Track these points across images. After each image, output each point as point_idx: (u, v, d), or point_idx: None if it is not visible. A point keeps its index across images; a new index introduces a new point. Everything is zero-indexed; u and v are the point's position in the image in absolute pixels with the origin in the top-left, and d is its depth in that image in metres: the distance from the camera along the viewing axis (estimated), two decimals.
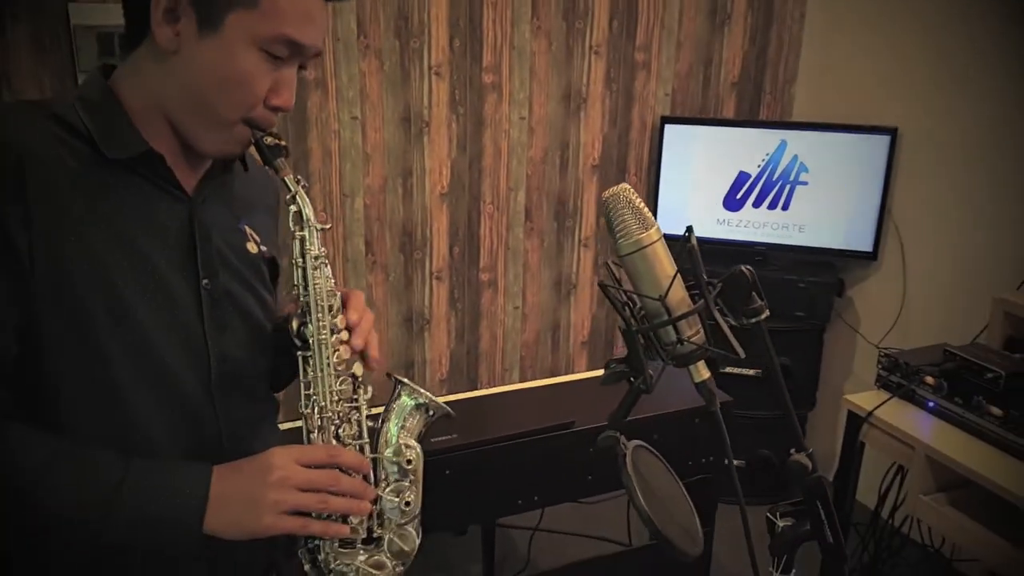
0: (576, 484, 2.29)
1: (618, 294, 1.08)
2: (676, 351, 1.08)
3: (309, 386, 1.16)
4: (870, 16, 3.33)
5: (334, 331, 1.16)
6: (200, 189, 1.16)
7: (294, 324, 1.16)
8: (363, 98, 2.98)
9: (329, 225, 1.18)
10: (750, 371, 3.32)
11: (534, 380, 2.79)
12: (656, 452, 1.23)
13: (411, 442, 1.20)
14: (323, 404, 1.15)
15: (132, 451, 1.04)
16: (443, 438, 2.07)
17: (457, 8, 3.05)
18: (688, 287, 1.10)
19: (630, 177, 3.50)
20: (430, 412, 1.21)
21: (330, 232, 3.03)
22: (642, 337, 1.09)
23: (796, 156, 3.33)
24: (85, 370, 1.03)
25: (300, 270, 1.16)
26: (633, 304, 1.10)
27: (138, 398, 1.07)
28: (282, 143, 1.12)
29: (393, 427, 1.20)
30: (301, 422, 1.18)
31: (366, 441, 1.18)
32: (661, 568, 2.60)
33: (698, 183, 3.45)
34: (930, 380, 2.37)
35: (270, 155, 1.11)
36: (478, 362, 3.49)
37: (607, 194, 1.08)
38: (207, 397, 1.14)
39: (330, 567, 1.15)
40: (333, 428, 1.16)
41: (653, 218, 1.08)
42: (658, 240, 1.07)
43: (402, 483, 1.19)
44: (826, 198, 3.34)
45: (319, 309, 1.15)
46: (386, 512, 1.19)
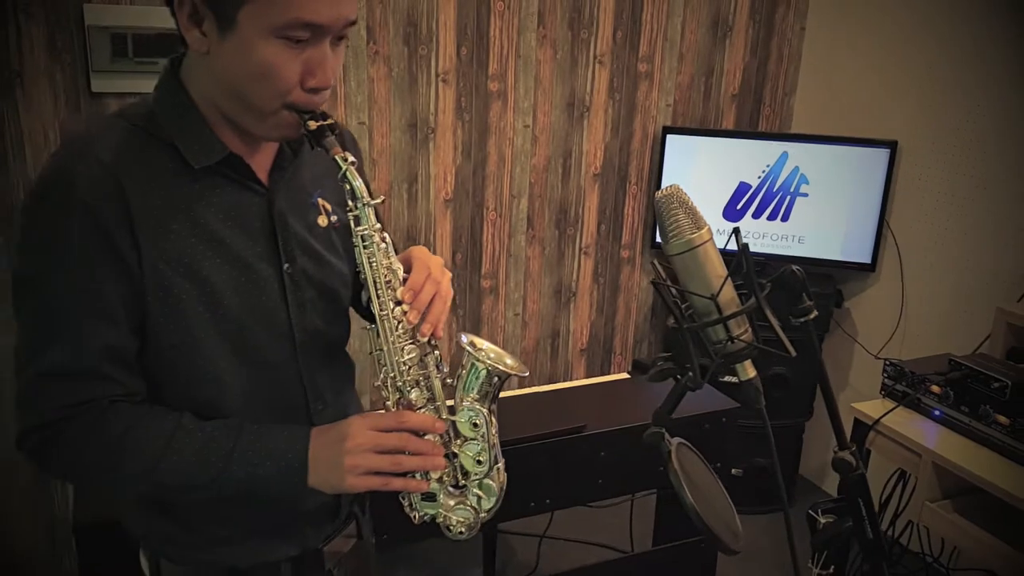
0: (586, 488, 2.31)
1: (671, 292, 1.10)
2: (725, 349, 1.10)
3: (380, 358, 1.24)
4: (870, 30, 3.38)
5: (397, 303, 1.21)
6: (274, 179, 1.23)
7: (364, 298, 1.24)
8: (371, 103, 2.99)
9: (382, 199, 1.19)
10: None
11: (532, 387, 2.80)
12: (695, 449, 1.24)
13: (475, 405, 1.25)
14: (393, 374, 1.23)
15: (242, 416, 1.19)
16: None
17: (465, 16, 3.07)
18: (736, 287, 1.12)
19: (631, 187, 3.53)
20: (496, 377, 1.26)
21: None
22: (691, 335, 1.11)
23: (797, 168, 3.36)
24: (186, 353, 1.16)
25: (357, 248, 1.20)
26: (682, 302, 1.12)
27: (232, 374, 1.20)
28: (328, 122, 1.14)
29: (463, 389, 1.27)
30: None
31: (439, 404, 1.25)
32: (663, 574, 2.62)
33: (699, 193, 3.43)
34: (936, 389, 2.40)
35: (316, 137, 1.13)
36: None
37: (660, 194, 1.09)
38: (293, 368, 1.26)
39: (419, 510, 1.29)
40: (405, 394, 1.24)
41: (704, 219, 1.10)
42: (709, 240, 1.09)
43: (473, 442, 1.26)
44: (826, 210, 3.37)
45: (378, 285, 1.20)
46: (465, 467, 1.27)
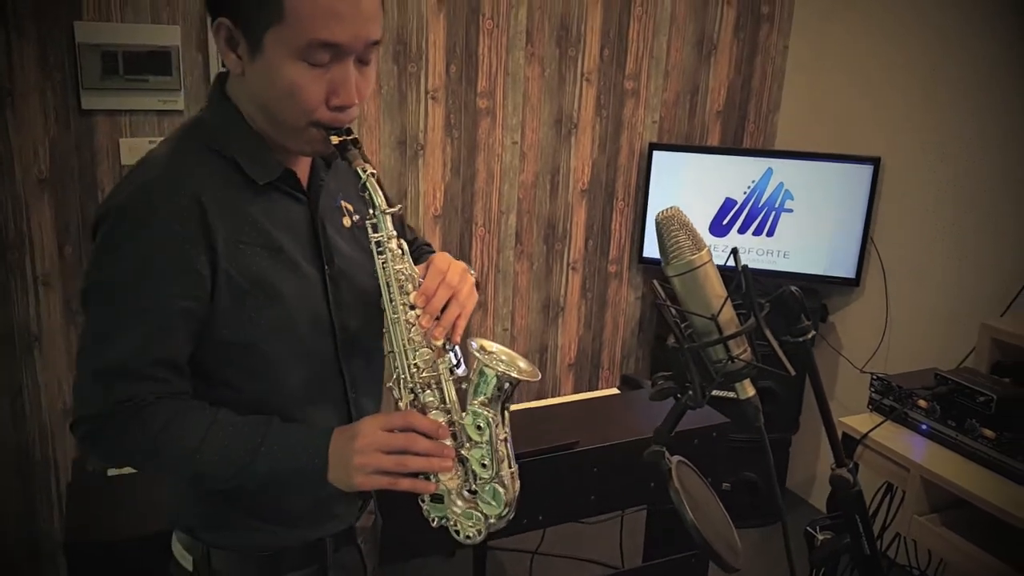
0: (578, 504, 2.31)
1: (669, 312, 1.11)
2: (725, 368, 1.11)
3: (393, 360, 1.29)
4: (852, 48, 3.43)
5: (411, 307, 1.26)
6: (313, 187, 1.33)
7: (382, 300, 1.29)
8: (361, 121, 3.00)
9: (400, 207, 1.24)
10: (731, 394, 3.36)
11: (521, 403, 2.80)
12: (694, 467, 1.25)
13: (481, 409, 1.27)
14: (404, 376, 1.28)
15: (281, 406, 1.28)
16: None
17: (454, 35, 3.09)
18: (734, 307, 1.13)
19: (618, 202, 3.55)
20: (506, 382, 1.27)
21: None
22: (691, 354, 1.12)
23: (781, 183, 3.40)
24: (248, 349, 1.25)
25: (373, 254, 1.26)
26: (682, 322, 1.14)
27: (285, 368, 1.28)
28: (350, 138, 1.21)
29: (471, 394, 1.29)
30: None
31: (449, 406, 1.28)
32: None
33: (685, 209, 3.44)
34: (923, 403, 2.43)
35: (340, 151, 1.21)
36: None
37: (661, 215, 1.11)
38: (335, 361, 1.34)
39: (430, 513, 1.33)
40: (418, 396, 1.28)
41: (704, 240, 1.12)
42: (709, 261, 1.11)
43: (480, 445, 1.28)
44: (810, 225, 3.41)
45: (391, 289, 1.26)
46: (474, 471, 1.30)
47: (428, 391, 1.27)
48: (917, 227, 3.21)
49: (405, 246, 1.26)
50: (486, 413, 1.27)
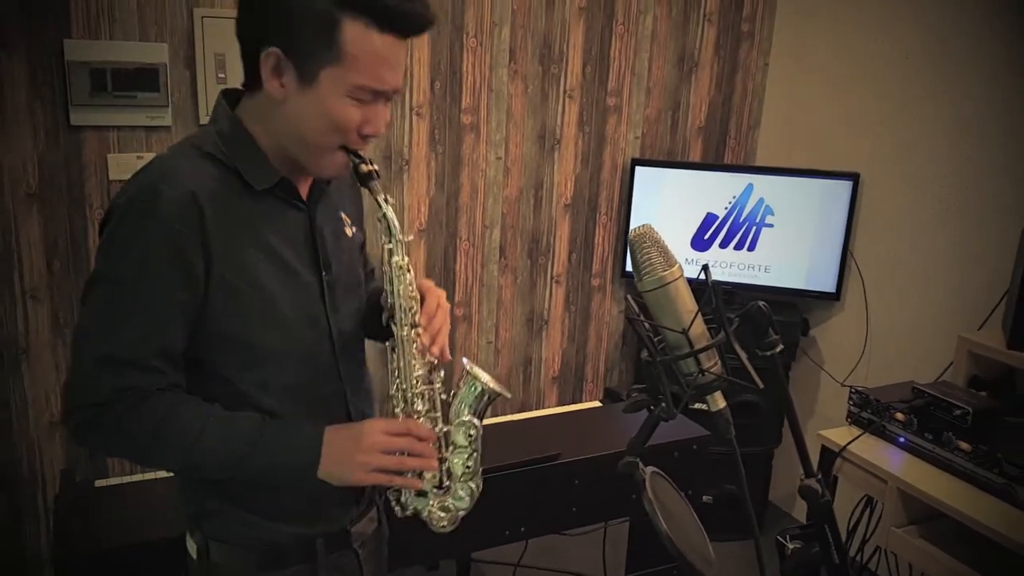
0: (560, 516, 2.33)
1: (644, 326, 1.14)
2: (696, 381, 1.14)
3: (396, 372, 1.43)
4: (831, 66, 3.49)
5: (414, 326, 1.42)
6: (312, 198, 1.43)
7: (384, 318, 1.44)
8: None
9: (412, 237, 1.37)
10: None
11: (505, 415, 2.83)
12: (669, 478, 1.28)
13: (469, 418, 1.45)
14: (405, 387, 1.43)
15: (277, 404, 1.37)
16: None
17: (439, 52, 3.13)
18: (705, 322, 1.17)
19: (601, 216, 3.59)
20: (487, 395, 1.45)
21: None
22: (663, 367, 1.15)
23: (762, 199, 3.45)
24: (244, 347, 1.34)
25: (388, 277, 1.40)
26: (654, 336, 1.17)
27: (282, 364, 1.38)
28: (374, 168, 1.36)
29: (458, 405, 1.46)
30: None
31: (438, 415, 1.45)
32: None
33: (667, 224, 3.55)
34: (900, 416, 2.47)
35: (365, 180, 1.36)
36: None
37: (634, 233, 1.15)
38: (332, 362, 1.45)
39: (409, 506, 1.49)
40: (413, 404, 1.43)
41: (675, 256, 1.15)
42: (680, 277, 1.14)
43: (464, 449, 1.46)
44: (791, 240, 3.46)
45: (402, 310, 1.40)
46: (453, 470, 1.47)
47: (421, 400, 1.43)
48: (896, 242, 3.26)
49: (412, 272, 1.42)
50: (474, 422, 1.45)
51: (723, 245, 3.53)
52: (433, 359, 1.43)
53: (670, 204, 3.56)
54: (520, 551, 3.00)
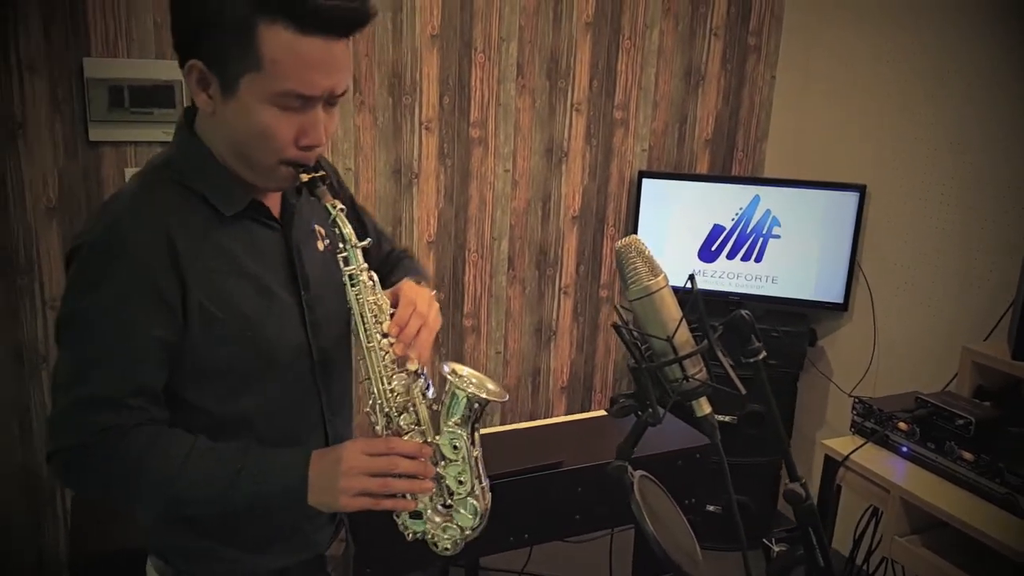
0: (564, 523, 2.36)
1: (629, 334, 1.18)
2: (681, 387, 1.18)
3: (369, 387, 1.34)
4: (838, 78, 3.52)
5: (384, 336, 1.33)
6: (285, 216, 1.38)
7: (351, 331, 1.36)
8: (357, 151, 3.10)
9: (369, 241, 1.31)
10: (725, 417, 3.41)
11: (512, 424, 2.87)
12: (658, 482, 1.32)
13: (452, 428, 1.34)
14: (380, 401, 1.34)
15: (260, 429, 1.34)
16: None
17: (447, 68, 3.19)
18: (691, 330, 1.20)
19: (608, 228, 3.63)
20: (476, 403, 1.34)
21: None
22: (650, 374, 1.19)
23: (769, 210, 3.47)
24: (224, 374, 1.31)
25: (346, 286, 1.32)
26: (641, 344, 1.20)
27: (262, 390, 1.34)
28: (318, 175, 1.28)
29: (445, 415, 1.35)
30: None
31: (424, 428, 1.35)
32: None
33: (675, 235, 3.59)
34: (903, 426, 2.48)
35: (309, 187, 1.28)
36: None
37: (620, 244, 1.18)
38: (313, 384, 1.40)
39: (408, 529, 1.40)
40: (393, 419, 1.34)
41: (661, 266, 1.19)
42: (665, 286, 1.18)
43: (454, 463, 1.35)
44: (798, 251, 3.48)
45: (365, 319, 1.32)
46: (450, 487, 1.36)
47: (404, 414, 1.34)
48: (902, 253, 3.28)
49: (376, 278, 1.34)
50: (460, 432, 1.34)
51: (730, 256, 3.56)
52: (416, 369, 1.34)
53: (677, 216, 3.59)
54: (524, 558, 3.04)
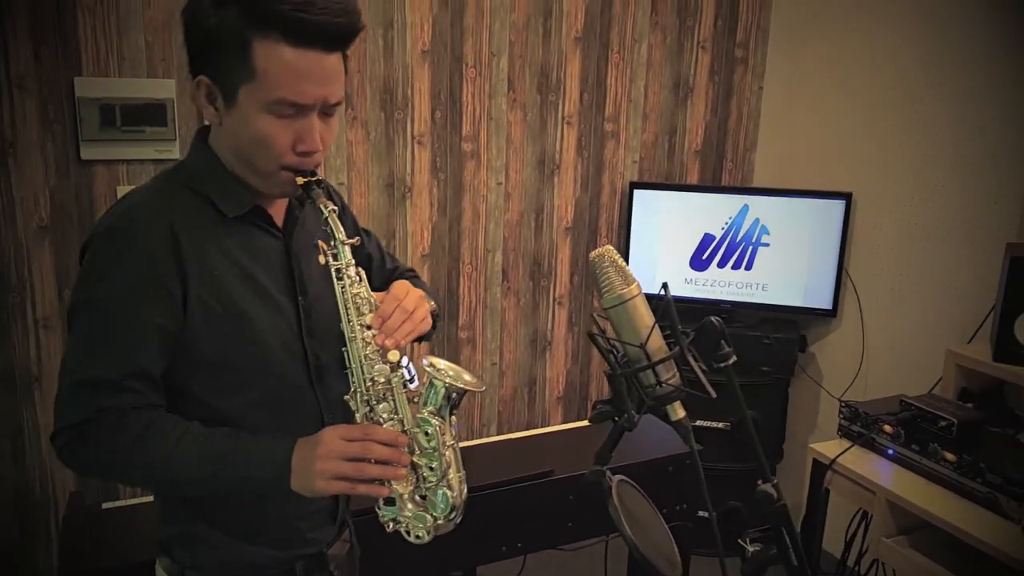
0: (556, 531, 2.39)
1: (604, 342, 1.22)
2: (655, 392, 1.21)
3: (350, 375, 1.40)
4: (824, 89, 3.56)
5: (367, 327, 1.39)
6: (288, 225, 1.47)
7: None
8: (350, 165, 3.14)
9: (357, 240, 1.38)
10: (719, 424, 3.45)
11: (506, 434, 2.90)
12: (637, 486, 1.35)
13: (426, 416, 1.39)
14: (360, 390, 1.40)
15: (255, 425, 1.38)
16: None
17: (439, 83, 3.23)
18: (664, 336, 1.24)
19: (601, 239, 3.67)
20: (453, 392, 1.40)
21: None
22: (625, 380, 1.22)
23: (757, 219, 3.51)
24: (222, 367, 1.37)
25: (333, 279, 1.39)
26: (616, 351, 1.24)
27: (258, 387, 1.40)
28: (315, 178, 1.36)
29: (422, 404, 1.40)
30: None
31: (402, 417, 1.40)
32: None
33: (666, 244, 3.63)
34: (888, 428, 2.52)
35: (305, 190, 1.37)
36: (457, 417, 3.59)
37: (594, 254, 1.22)
38: (309, 386, 1.46)
39: (384, 516, 1.43)
40: (372, 408, 1.40)
41: (633, 275, 1.22)
42: (638, 295, 1.22)
43: (427, 451, 1.40)
44: (787, 258, 3.52)
45: (348, 311, 1.39)
46: (424, 475, 1.41)
47: (383, 403, 1.39)
48: (888, 259, 3.32)
49: (363, 273, 1.41)
50: (434, 421, 1.39)
51: (721, 264, 3.60)
52: (397, 360, 1.39)
53: (668, 226, 3.63)
54: (518, 567, 3.06)
